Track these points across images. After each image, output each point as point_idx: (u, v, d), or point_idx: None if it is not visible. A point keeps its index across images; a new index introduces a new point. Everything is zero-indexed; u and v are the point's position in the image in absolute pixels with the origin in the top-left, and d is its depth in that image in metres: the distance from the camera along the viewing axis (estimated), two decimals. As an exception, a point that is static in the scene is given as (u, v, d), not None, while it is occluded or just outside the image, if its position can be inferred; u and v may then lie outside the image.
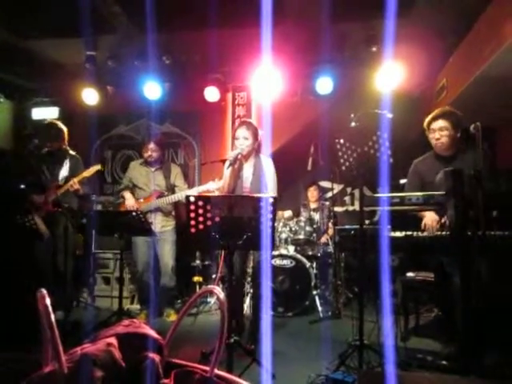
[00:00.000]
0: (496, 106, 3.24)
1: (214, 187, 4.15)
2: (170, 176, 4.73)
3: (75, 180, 4.21)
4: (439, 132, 3.17)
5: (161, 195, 4.58)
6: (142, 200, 4.59)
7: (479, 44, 4.26)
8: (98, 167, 4.49)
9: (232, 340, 2.53)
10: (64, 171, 4.42)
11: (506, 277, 2.60)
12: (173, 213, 4.76)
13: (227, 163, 3.47)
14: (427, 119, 3.27)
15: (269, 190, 3.47)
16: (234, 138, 3.60)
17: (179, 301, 5.10)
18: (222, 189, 3.61)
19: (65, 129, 4.59)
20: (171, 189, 4.70)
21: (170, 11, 4.57)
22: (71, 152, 4.60)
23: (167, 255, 4.61)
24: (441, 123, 3.17)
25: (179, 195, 4.49)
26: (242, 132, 3.50)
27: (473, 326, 2.48)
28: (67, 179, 4.35)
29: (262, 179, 3.49)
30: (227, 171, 3.47)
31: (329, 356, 3.00)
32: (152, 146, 4.64)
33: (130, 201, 4.56)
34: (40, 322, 0.90)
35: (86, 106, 6.15)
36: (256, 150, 3.61)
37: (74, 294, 5.00)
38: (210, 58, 5.60)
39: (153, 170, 4.70)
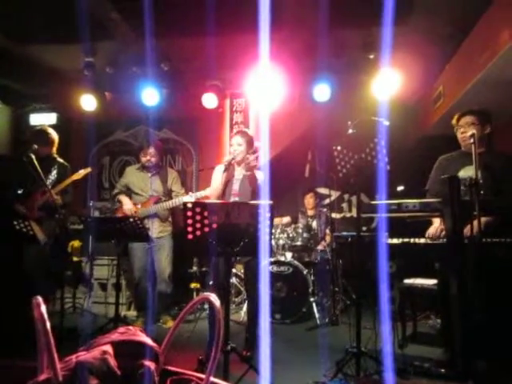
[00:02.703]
0: (493, 112, 3.27)
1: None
2: (167, 181, 4.72)
3: (53, 191, 4.15)
4: (465, 127, 3.18)
5: (158, 201, 4.57)
6: (139, 205, 4.58)
7: (476, 51, 4.29)
8: (88, 170, 4.45)
9: (228, 347, 2.52)
10: (51, 178, 4.38)
11: (504, 284, 2.60)
12: (170, 219, 4.75)
13: (219, 168, 3.58)
14: (456, 116, 3.31)
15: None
16: (230, 145, 3.71)
17: (177, 308, 5.08)
18: (212, 191, 3.65)
19: (56, 136, 4.56)
20: (168, 194, 4.69)
21: (169, 18, 4.59)
22: (59, 159, 4.56)
23: (164, 262, 4.59)
24: (468, 119, 3.20)
25: (177, 200, 4.47)
26: (236, 139, 3.61)
27: (470, 332, 2.48)
28: (54, 186, 4.30)
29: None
30: (218, 175, 3.54)
31: (326, 363, 3.00)
32: (151, 150, 4.63)
33: (128, 205, 4.54)
34: (35, 329, 0.90)
35: (84, 111, 6.15)
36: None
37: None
38: (208, 64, 5.61)
39: (150, 175, 4.69)
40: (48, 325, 0.89)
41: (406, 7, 4.42)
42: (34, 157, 3.99)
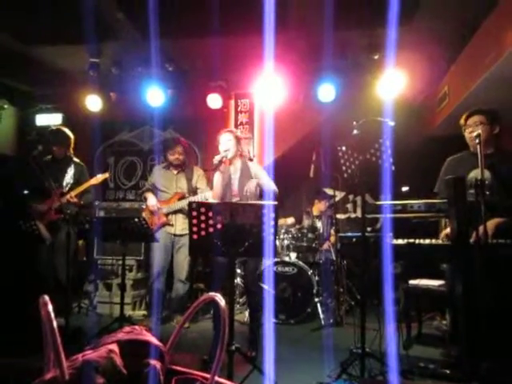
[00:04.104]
0: (499, 112, 3.25)
1: None
2: (192, 179, 4.74)
3: (72, 194, 4.22)
4: (473, 127, 3.11)
5: (182, 197, 4.58)
6: (162, 202, 4.60)
7: (481, 52, 4.28)
8: (106, 175, 4.51)
9: (233, 347, 2.52)
10: (68, 178, 4.43)
11: (508, 285, 2.59)
12: None
13: (218, 173, 3.63)
14: (464, 116, 3.25)
15: (265, 185, 3.55)
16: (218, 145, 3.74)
17: (189, 304, 5.08)
18: (214, 195, 3.69)
19: (72, 136, 4.61)
20: (193, 191, 4.69)
21: (174, 18, 4.60)
22: (75, 159, 4.61)
23: (182, 262, 4.59)
24: (476, 118, 3.14)
25: (201, 196, 4.46)
26: (224, 136, 3.66)
27: (475, 334, 2.47)
28: (71, 186, 4.36)
29: (249, 183, 3.58)
30: (216, 176, 3.61)
31: (330, 364, 3.00)
32: (180, 149, 4.67)
33: (151, 202, 4.57)
34: (42, 328, 0.90)
35: (89, 112, 6.18)
36: (241, 154, 3.73)
37: (72, 301, 5.00)
38: (212, 65, 5.63)
39: (175, 172, 4.72)
40: (55, 324, 0.90)
41: (411, 8, 4.41)
42: (46, 158, 4.03)
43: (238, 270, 4.89)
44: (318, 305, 4.74)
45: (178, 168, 4.73)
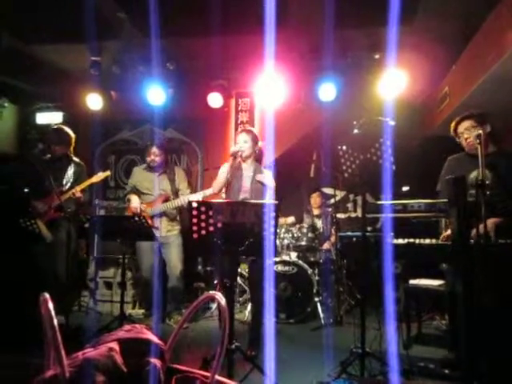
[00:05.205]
0: (498, 113, 3.24)
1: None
2: (175, 180, 4.71)
3: (77, 188, 4.22)
4: (467, 132, 3.12)
5: (167, 199, 4.57)
6: (146, 204, 4.58)
7: (482, 52, 4.27)
8: (107, 173, 4.50)
9: (233, 346, 2.52)
10: (68, 177, 4.42)
11: (508, 284, 2.59)
12: (178, 218, 4.74)
13: (224, 166, 3.64)
14: (452, 125, 3.25)
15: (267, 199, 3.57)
16: (234, 143, 3.81)
17: (187, 304, 5.08)
18: (214, 185, 3.74)
19: (73, 135, 4.61)
20: (176, 193, 4.69)
21: (175, 17, 4.60)
22: (75, 159, 4.61)
23: (175, 259, 4.58)
24: (466, 123, 3.13)
25: (183, 199, 4.46)
26: (242, 136, 3.71)
27: (475, 334, 2.47)
28: (71, 185, 4.36)
29: (262, 182, 3.63)
30: (223, 171, 3.61)
31: (330, 363, 3.00)
32: (154, 150, 4.63)
33: (134, 203, 4.54)
34: (42, 326, 0.90)
35: (89, 111, 6.18)
36: (256, 157, 3.78)
37: (74, 299, 5.01)
38: (213, 64, 5.62)
39: (157, 174, 4.68)
40: (55, 321, 0.90)
41: (412, 7, 4.40)
42: (45, 157, 4.03)
43: (238, 269, 4.89)
44: (318, 304, 4.74)
45: (158, 170, 4.68)
